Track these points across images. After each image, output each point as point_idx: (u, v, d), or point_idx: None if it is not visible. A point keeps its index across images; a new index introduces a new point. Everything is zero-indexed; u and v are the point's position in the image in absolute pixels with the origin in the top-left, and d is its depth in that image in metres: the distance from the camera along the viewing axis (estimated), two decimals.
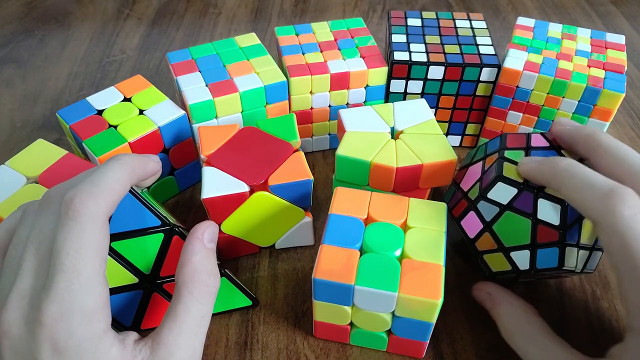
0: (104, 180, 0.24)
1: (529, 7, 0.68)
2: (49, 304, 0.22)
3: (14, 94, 0.53)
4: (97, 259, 0.23)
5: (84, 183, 0.24)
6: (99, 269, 0.23)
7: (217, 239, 0.29)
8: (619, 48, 0.42)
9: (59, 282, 0.22)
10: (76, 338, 0.22)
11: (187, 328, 0.25)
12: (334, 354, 0.32)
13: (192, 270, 0.26)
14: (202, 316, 0.26)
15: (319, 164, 0.45)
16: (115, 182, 0.25)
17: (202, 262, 0.27)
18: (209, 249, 0.28)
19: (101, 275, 0.23)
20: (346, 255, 0.28)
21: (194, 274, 0.26)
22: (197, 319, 0.26)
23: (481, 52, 0.42)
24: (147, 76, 0.46)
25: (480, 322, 0.33)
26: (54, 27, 0.64)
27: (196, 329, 0.25)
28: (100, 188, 0.24)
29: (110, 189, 0.24)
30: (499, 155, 0.32)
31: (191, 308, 0.25)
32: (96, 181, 0.24)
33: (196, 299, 0.26)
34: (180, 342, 0.25)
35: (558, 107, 0.40)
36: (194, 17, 0.66)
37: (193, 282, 0.26)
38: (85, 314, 0.22)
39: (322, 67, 0.41)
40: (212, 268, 0.27)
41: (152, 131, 0.36)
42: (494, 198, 0.30)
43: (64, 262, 0.22)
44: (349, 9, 0.68)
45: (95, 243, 0.23)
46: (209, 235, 0.28)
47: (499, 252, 0.31)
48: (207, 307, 0.26)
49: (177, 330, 0.25)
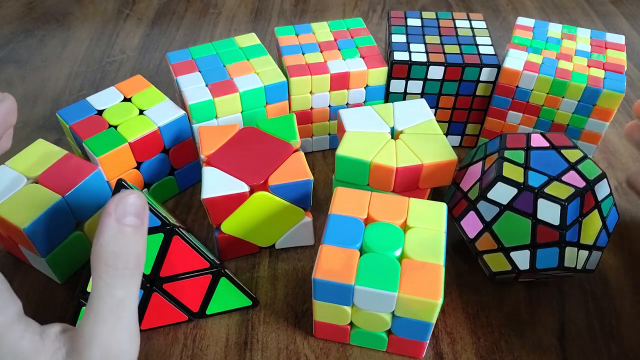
0: None
1: (529, 7, 0.68)
2: None
3: (14, 94, 0.53)
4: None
5: None
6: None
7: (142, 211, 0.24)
8: (619, 48, 0.42)
9: None
10: None
11: (101, 315, 0.23)
12: (334, 354, 0.32)
13: (99, 252, 0.23)
14: (119, 302, 0.23)
15: (319, 164, 0.45)
16: None
17: (108, 242, 0.23)
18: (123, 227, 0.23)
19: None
20: (346, 255, 0.28)
21: (101, 256, 0.23)
22: (111, 305, 0.23)
23: (481, 52, 0.42)
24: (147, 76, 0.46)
25: (480, 322, 0.33)
26: (54, 27, 0.64)
27: (112, 315, 0.23)
28: None
29: None
30: (498, 155, 0.32)
31: (103, 293, 0.23)
32: None
33: (106, 284, 0.23)
34: (96, 330, 0.23)
35: (558, 107, 0.40)
36: (194, 17, 0.66)
37: (99, 264, 0.23)
38: None
39: (322, 67, 0.41)
40: (124, 247, 0.23)
41: (152, 131, 0.36)
42: (494, 198, 0.30)
43: None
44: (349, 9, 0.68)
45: None
46: (124, 208, 0.24)
47: (499, 252, 0.31)
48: (123, 292, 0.23)
49: (93, 317, 0.23)
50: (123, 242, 0.23)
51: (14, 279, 0.36)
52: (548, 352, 0.32)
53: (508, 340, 0.32)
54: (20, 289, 0.35)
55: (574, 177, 0.30)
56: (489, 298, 0.35)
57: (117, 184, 0.29)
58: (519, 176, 0.30)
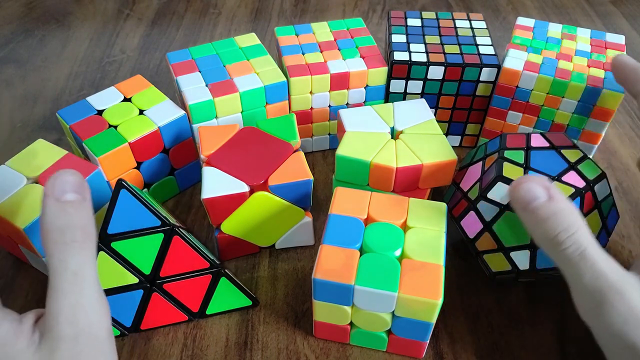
0: None
1: (529, 7, 0.68)
2: None
3: (14, 94, 0.53)
4: None
5: None
6: None
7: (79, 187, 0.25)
8: (619, 48, 0.42)
9: None
10: None
11: (60, 290, 0.24)
12: (334, 354, 0.32)
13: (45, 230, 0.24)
14: (74, 274, 0.24)
15: (319, 164, 0.45)
16: None
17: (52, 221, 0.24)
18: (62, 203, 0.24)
19: None
20: (346, 255, 0.28)
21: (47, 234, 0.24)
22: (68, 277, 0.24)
23: (481, 52, 0.42)
24: (147, 76, 0.46)
25: (480, 322, 0.33)
26: (54, 27, 0.64)
27: (71, 287, 0.24)
28: None
29: None
30: (498, 155, 0.32)
31: (57, 268, 0.24)
32: None
33: (58, 259, 0.24)
34: (59, 305, 0.23)
35: (558, 107, 0.40)
36: (194, 17, 0.66)
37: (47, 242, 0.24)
38: None
39: (322, 67, 0.41)
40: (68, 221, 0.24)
41: (152, 131, 0.36)
42: (493, 198, 0.30)
43: None
44: (349, 9, 0.68)
45: None
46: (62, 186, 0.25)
47: (499, 252, 0.31)
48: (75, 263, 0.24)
49: (54, 294, 0.24)
50: (66, 218, 0.24)
51: (14, 279, 0.36)
52: (548, 352, 0.32)
53: (508, 340, 0.32)
54: (20, 289, 0.35)
55: (574, 177, 0.30)
56: (489, 298, 0.35)
57: (117, 184, 0.29)
58: (519, 176, 0.30)
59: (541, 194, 0.26)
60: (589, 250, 0.25)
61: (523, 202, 0.27)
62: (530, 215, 0.27)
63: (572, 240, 0.25)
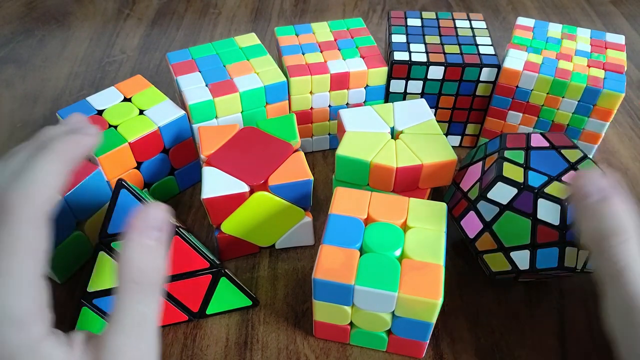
0: (35, 175, 0.23)
1: (529, 7, 0.68)
2: None
3: (14, 94, 0.53)
4: (31, 262, 0.22)
5: (16, 182, 0.22)
6: (34, 271, 0.22)
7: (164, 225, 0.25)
8: (619, 48, 0.42)
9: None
10: (9, 346, 0.21)
11: (127, 330, 0.23)
12: (334, 354, 0.32)
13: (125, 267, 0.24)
14: (143, 315, 0.24)
15: (319, 164, 0.45)
16: (47, 175, 0.23)
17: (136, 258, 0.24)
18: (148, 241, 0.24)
19: (34, 278, 0.22)
20: (346, 255, 0.28)
21: (127, 271, 0.24)
22: (137, 319, 0.23)
23: (481, 52, 0.42)
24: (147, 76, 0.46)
25: (480, 322, 0.33)
26: (54, 27, 0.64)
27: (137, 329, 0.23)
28: (33, 186, 0.22)
29: (43, 185, 0.23)
30: (498, 155, 0.32)
31: (128, 308, 0.23)
32: (27, 178, 0.22)
33: (132, 299, 0.23)
34: (121, 344, 0.23)
35: (558, 107, 0.40)
36: (194, 17, 0.66)
37: (126, 281, 0.24)
38: (16, 319, 0.21)
39: (322, 67, 0.41)
40: (149, 263, 0.24)
41: (152, 131, 0.36)
42: (494, 198, 0.30)
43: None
44: (349, 9, 0.68)
45: (30, 245, 0.22)
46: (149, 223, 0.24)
47: (499, 252, 0.31)
48: (147, 308, 0.24)
49: (118, 331, 0.23)
50: (148, 258, 0.24)
51: None
52: (548, 352, 0.32)
53: (508, 340, 0.32)
54: None
55: None
56: (489, 298, 0.35)
57: (117, 184, 0.29)
58: (519, 176, 0.30)
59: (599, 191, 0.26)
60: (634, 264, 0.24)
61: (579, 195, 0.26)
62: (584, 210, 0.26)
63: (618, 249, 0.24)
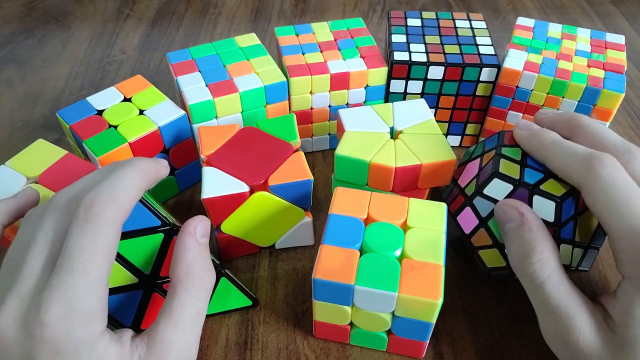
0: (123, 185, 0.24)
1: (529, 7, 0.68)
2: (52, 303, 0.22)
3: (14, 94, 0.53)
4: (106, 263, 0.23)
5: (103, 187, 0.24)
6: (106, 273, 0.23)
7: (209, 234, 0.29)
8: (619, 48, 0.42)
9: (65, 282, 0.22)
10: (75, 339, 0.22)
11: (182, 324, 0.25)
12: (334, 354, 0.32)
13: (187, 266, 0.26)
14: (198, 312, 0.26)
15: (319, 164, 0.45)
16: (133, 188, 0.25)
17: (195, 258, 0.27)
18: (201, 244, 0.28)
19: (106, 279, 0.24)
20: (346, 255, 0.28)
21: (189, 270, 0.26)
22: (192, 315, 0.26)
23: (481, 52, 0.42)
24: (147, 76, 0.46)
25: (480, 322, 0.33)
26: (54, 27, 0.64)
27: (192, 324, 0.26)
28: (120, 193, 0.24)
29: (128, 195, 0.24)
30: (496, 152, 0.32)
31: (187, 304, 0.25)
32: (116, 186, 0.24)
33: (192, 295, 0.26)
34: (176, 338, 0.25)
35: (558, 107, 0.40)
36: (194, 17, 0.66)
37: (188, 278, 0.26)
38: (86, 315, 0.22)
39: (322, 67, 0.41)
40: (206, 263, 0.27)
41: (152, 131, 0.36)
42: (489, 194, 0.31)
43: (74, 262, 0.22)
44: (349, 9, 0.68)
45: (108, 248, 0.23)
46: (202, 230, 0.28)
47: (494, 248, 0.31)
48: (202, 303, 0.26)
49: (173, 326, 0.25)
50: (205, 258, 0.27)
51: None
52: (548, 352, 0.32)
53: (508, 340, 0.32)
54: None
55: None
56: (489, 298, 0.35)
57: None
58: (515, 173, 0.30)
59: (515, 218, 0.28)
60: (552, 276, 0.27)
61: (501, 222, 0.29)
62: (505, 235, 0.29)
63: (536, 266, 0.27)
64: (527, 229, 0.28)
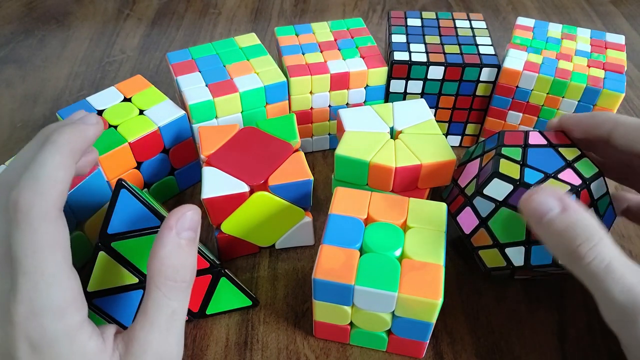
0: (44, 172, 0.23)
1: (529, 7, 0.68)
2: (17, 305, 0.21)
3: (14, 94, 0.53)
4: (57, 255, 0.22)
5: (25, 180, 0.22)
6: (63, 263, 0.23)
7: (197, 226, 0.26)
8: (619, 48, 0.42)
9: (23, 284, 0.22)
10: (49, 333, 0.22)
11: (157, 324, 0.24)
12: (334, 354, 0.32)
13: (159, 264, 0.24)
14: (173, 311, 0.25)
15: (319, 164, 0.45)
16: (56, 169, 0.23)
17: (169, 256, 0.25)
18: (182, 240, 0.25)
19: (66, 269, 0.23)
20: (346, 255, 0.28)
21: (161, 268, 0.24)
22: (167, 314, 0.24)
23: (481, 52, 0.42)
24: (147, 76, 0.46)
25: (480, 322, 0.33)
26: (54, 27, 0.64)
27: (167, 324, 0.24)
28: (43, 181, 0.22)
29: (53, 180, 0.23)
30: (496, 152, 0.32)
31: (160, 304, 0.24)
32: (38, 175, 0.22)
33: (164, 295, 0.24)
34: (151, 338, 0.24)
35: (558, 107, 0.40)
36: (194, 17, 0.66)
37: (159, 277, 0.24)
38: (55, 309, 0.22)
39: (322, 67, 0.41)
40: (184, 262, 0.25)
41: (152, 131, 0.36)
42: (489, 194, 0.31)
43: (23, 264, 0.22)
44: (348, 9, 0.68)
45: (53, 239, 0.22)
46: (186, 222, 0.25)
47: (494, 248, 0.31)
48: (177, 303, 0.25)
49: (149, 326, 0.24)
50: (182, 256, 0.25)
51: None
52: (548, 352, 0.32)
53: (508, 340, 0.32)
54: None
55: (570, 175, 0.30)
56: (489, 298, 0.35)
57: (117, 184, 0.29)
58: (515, 173, 0.30)
59: (554, 205, 0.25)
60: (615, 263, 0.23)
61: (536, 216, 0.26)
62: (546, 228, 0.25)
63: (594, 252, 0.24)
64: (573, 211, 0.24)
